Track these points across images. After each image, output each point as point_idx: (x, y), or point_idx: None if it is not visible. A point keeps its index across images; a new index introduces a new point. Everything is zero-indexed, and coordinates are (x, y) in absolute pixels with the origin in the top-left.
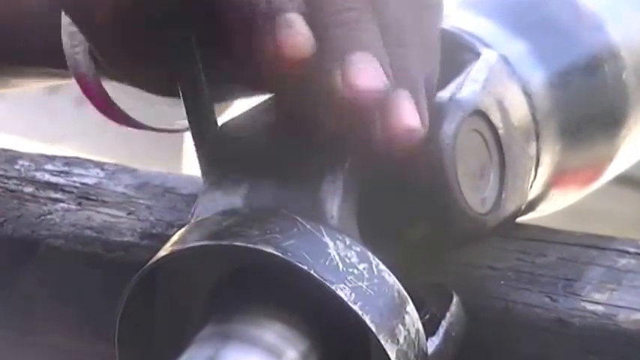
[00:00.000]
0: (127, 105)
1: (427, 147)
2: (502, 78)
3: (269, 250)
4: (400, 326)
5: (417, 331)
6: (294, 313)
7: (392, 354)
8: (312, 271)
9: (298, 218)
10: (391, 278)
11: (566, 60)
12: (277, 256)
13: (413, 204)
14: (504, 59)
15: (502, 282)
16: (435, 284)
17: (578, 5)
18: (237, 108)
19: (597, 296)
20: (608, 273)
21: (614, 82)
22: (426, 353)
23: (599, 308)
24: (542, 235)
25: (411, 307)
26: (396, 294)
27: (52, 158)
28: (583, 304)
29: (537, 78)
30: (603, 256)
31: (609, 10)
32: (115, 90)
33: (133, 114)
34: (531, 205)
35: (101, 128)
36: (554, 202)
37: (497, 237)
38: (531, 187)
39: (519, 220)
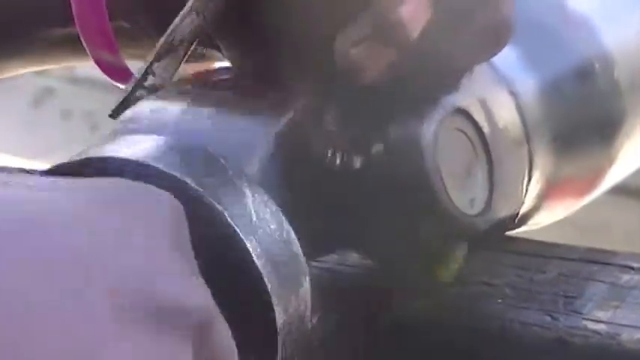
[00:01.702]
0: None
1: (408, 148)
2: (483, 77)
3: (185, 178)
4: (293, 297)
5: (306, 306)
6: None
7: (279, 321)
8: (225, 213)
9: (222, 161)
10: (297, 248)
11: (555, 65)
12: (192, 187)
13: (399, 209)
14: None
15: (499, 300)
16: None
17: (566, 8)
18: None
19: (600, 314)
20: (611, 289)
21: (606, 86)
22: (307, 330)
23: (602, 327)
24: (541, 250)
25: (307, 281)
26: (299, 264)
27: (31, 174)
28: (585, 322)
29: (524, 80)
30: (605, 272)
31: (600, 13)
32: None
33: None
34: (528, 216)
35: (86, 142)
36: (552, 212)
37: (492, 252)
38: (526, 191)
39: (516, 233)
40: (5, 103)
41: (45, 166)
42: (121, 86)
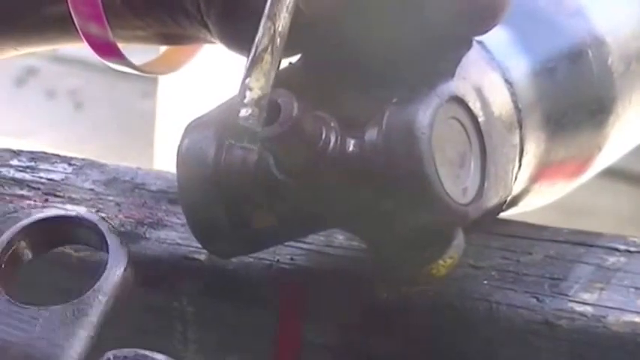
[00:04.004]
0: None
1: (402, 135)
2: (479, 65)
3: None
4: None
5: None
6: None
7: None
8: None
9: None
10: None
11: (548, 47)
12: None
13: (391, 197)
14: (482, 46)
15: (485, 282)
16: None
17: None
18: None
19: (586, 296)
20: (597, 272)
21: (599, 68)
22: None
23: (588, 309)
24: (528, 232)
25: None
26: None
27: (17, 153)
28: (571, 304)
29: (519, 65)
30: (591, 254)
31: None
32: None
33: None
34: (518, 199)
35: (71, 122)
36: (543, 195)
37: (479, 234)
38: (516, 178)
39: (503, 215)
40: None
41: (31, 145)
42: (109, 64)
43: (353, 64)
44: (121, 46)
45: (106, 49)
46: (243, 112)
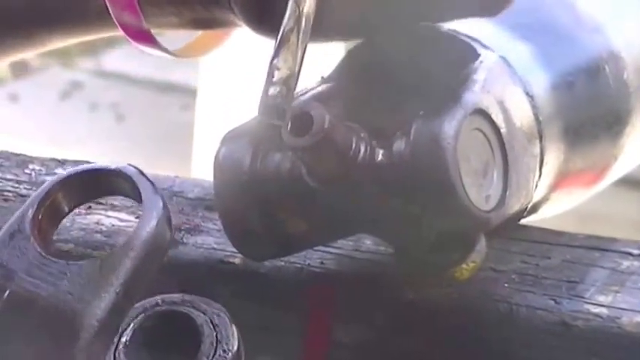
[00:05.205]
0: None
1: (429, 146)
2: (502, 79)
3: None
4: None
5: None
6: None
7: None
8: None
9: None
10: None
11: (567, 62)
12: None
13: (417, 204)
14: (504, 61)
15: (505, 284)
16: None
17: (576, 8)
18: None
19: (601, 299)
20: (612, 275)
21: (615, 82)
22: None
23: (603, 311)
24: (546, 237)
25: None
26: None
27: (62, 162)
28: (587, 306)
29: (539, 79)
30: (606, 258)
31: (607, 13)
32: None
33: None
34: (538, 206)
35: (113, 133)
36: (561, 203)
37: (500, 239)
38: (536, 186)
39: (523, 221)
40: (36, 96)
41: (75, 154)
42: (144, 49)
43: (382, 80)
44: (154, 31)
45: (141, 36)
46: (272, 91)
